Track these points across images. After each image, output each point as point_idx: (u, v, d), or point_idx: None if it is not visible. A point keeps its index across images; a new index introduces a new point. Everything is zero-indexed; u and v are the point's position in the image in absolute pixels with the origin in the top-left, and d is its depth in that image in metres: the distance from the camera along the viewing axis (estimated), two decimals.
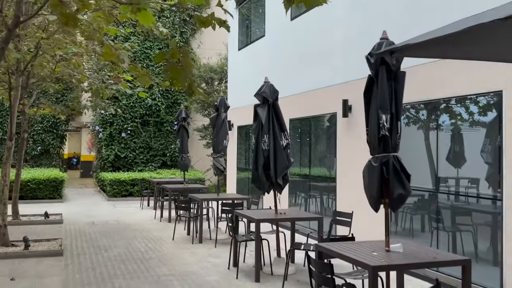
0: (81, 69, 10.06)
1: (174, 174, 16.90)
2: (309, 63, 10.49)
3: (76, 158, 31.81)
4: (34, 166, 19.77)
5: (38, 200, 14.67)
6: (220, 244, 8.88)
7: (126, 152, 18.24)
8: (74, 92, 11.93)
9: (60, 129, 20.18)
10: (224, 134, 9.73)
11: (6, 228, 8.00)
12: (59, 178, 14.95)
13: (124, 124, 18.25)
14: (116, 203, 14.88)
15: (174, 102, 18.91)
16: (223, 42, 18.14)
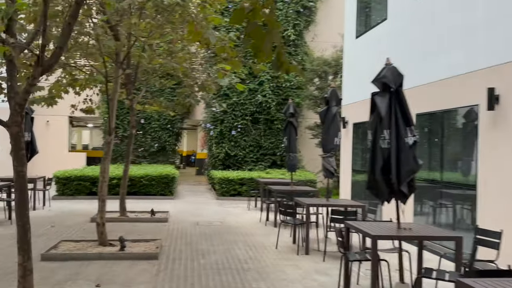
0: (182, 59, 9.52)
1: (284, 174, 15.97)
2: (440, 46, 8.74)
3: (194, 156, 32.80)
4: (152, 162, 20.37)
5: (150, 197, 14.79)
6: (330, 257, 7.65)
7: (236, 150, 17.82)
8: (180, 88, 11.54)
9: (175, 126, 20.54)
10: (335, 131, 8.46)
11: (104, 227, 7.69)
12: (170, 175, 14.92)
13: (234, 122, 17.85)
14: (224, 203, 14.41)
15: (285, 99, 18.00)
16: (339, 33, 16.76)
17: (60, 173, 14.60)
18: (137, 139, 20.11)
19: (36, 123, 20.91)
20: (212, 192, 17.06)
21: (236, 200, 15.03)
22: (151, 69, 10.21)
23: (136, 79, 10.64)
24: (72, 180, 14.55)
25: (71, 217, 11.06)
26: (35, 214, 11.45)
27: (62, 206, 12.94)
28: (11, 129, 3.96)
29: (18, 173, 3.98)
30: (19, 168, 3.98)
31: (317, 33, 18.57)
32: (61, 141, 20.80)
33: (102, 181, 7.71)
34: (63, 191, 14.57)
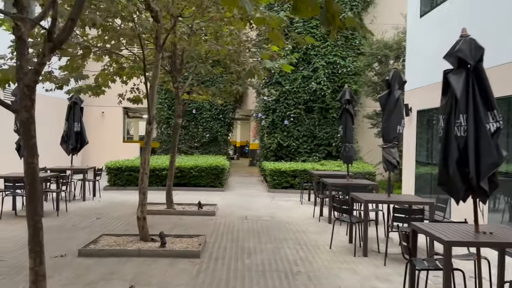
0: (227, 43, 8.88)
1: (340, 166, 15.03)
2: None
3: (247, 146, 32.37)
4: (204, 153, 20.06)
5: (200, 188, 14.40)
6: (392, 260, 6.76)
7: (289, 140, 17.05)
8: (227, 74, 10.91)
9: (227, 116, 20.07)
10: (398, 118, 7.48)
11: (145, 221, 7.23)
12: (220, 166, 14.44)
13: (287, 111, 17.07)
14: (275, 195, 13.72)
15: (341, 86, 16.96)
16: (401, 13, 15.47)
17: (111, 164, 14.53)
18: (189, 129, 19.86)
19: (92, 114, 21.32)
20: (263, 184, 16.43)
21: (288, 193, 14.30)
22: (197, 55, 9.64)
23: (182, 65, 10.14)
24: (123, 170, 14.44)
25: (119, 209, 10.81)
26: (84, 205, 11.33)
27: (112, 197, 12.81)
28: (20, 115, 3.46)
29: (28, 165, 3.48)
30: (29, 159, 3.48)
31: (377, 15, 17.31)
32: (116, 132, 20.96)
33: (143, 172, 7.23)
34: (114, 181, 14.49)
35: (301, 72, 16.96)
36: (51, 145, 15.42)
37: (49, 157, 15.76)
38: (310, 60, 16.96)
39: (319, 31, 16.78)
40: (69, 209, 10.56)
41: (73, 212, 10.28)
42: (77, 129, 12.28)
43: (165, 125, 20.01)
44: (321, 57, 16.91)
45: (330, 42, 16.72)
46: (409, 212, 6.52)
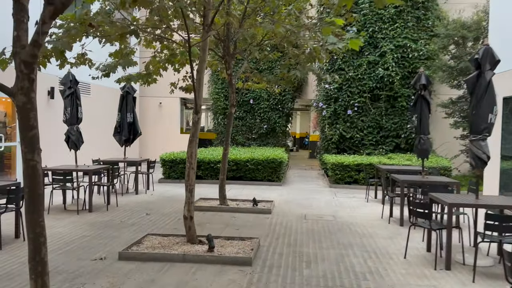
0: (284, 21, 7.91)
1: (410, 160, 13.64)
2: None
3: (307, 138, 31.27)
4: (261, 145, 19.26)
5: (256, 182, 13.59)
6: (482, 276, 5.57)
7: (352, 132, 15.79)
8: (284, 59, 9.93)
9: (286, 107, 19.10)
10: (490, 104, 6.19)
11: (192, 221, 6.48)
12: (277, 159, 13.54)
13: (350, 100, 15.79)
14: (337, 191, 12.62)
15: (412, 72, 15.45)
16: None
17: (166, 156, 14.08)
18: (246, 120, 19.11)
19: (149, 105, 21.16)
20: (324, 178, 15.35)
21: (351, 189, 13.14)
22: (250, 37, 8.75)
23: (235, 50, 9.30)
24: (178, 163, 13.93)
25: (171, 204, 10.23)
26: (136, 199, 10.88)
27: (165, 190, 12.31)
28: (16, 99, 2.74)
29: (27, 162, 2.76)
30: (28, 155, 2.76)
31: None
32: (173, 123, 20.66)
33: (189, 168, 6.47)
34: (169, 174, 14.03)
35: (367, 57, 15.60)
36: (105, 137, 15.25)
37: (104, 148, 15.63)
38: (376, 43, 15.57)
39: (387, 11, 15.31)
40: (120, 203, 10.13)
41: (123, 206, 9.82)
42: (130, 120, 11.85)
43: (221, 116, 19.40)
44: (389, 40, 15.45)
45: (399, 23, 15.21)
46: (506, 220, 5.28)
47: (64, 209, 9.34)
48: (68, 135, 9.65)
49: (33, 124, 2.77)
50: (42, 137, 12.06)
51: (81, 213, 8.96)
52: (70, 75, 9.65)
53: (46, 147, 12.50)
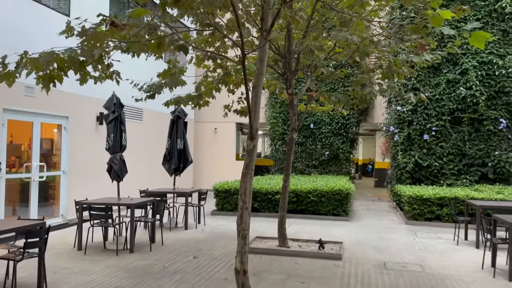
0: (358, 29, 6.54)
1: (502, 192, 11.55)
2: None
3: (371, 165, 29.17)
4: (323, 172, 17.66)
5: (320, 217, 12.00)
6: None
7: (429, 159, 13.85)
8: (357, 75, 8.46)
9: (350, 131, 17.46)
10: None
11: (246, 276, 5.08)
12: (344, 191, 11.92)
13: (427, 123, 13.93)
14: (417, 230, 10.76)
15: (498, 92, 13.42)
16: None
17: (219, 185, 12.87)
18: (306, 146, 17.64)
19: (204, 131, 20.26)
20: (397, 212, 13.47)
21: (434, 226, 11.21)
22: (318, 48, 7.41)
23: (297, 65, 7.97)
24: (232, 193, 12.67)
25: (224, 242, 8.91)
26: (185, 235, 9.66)
27: (218, 225, 11.03)
28: None
29: None
30: None
31: None
32: (229, 149, 19.59)
33: (242, 207, 5.12)
34: (223, 205, 12.78)
35: (445, 75, 13.76)
36: (154, 165, 14.35)
37: (152, 178, 14.71)
38: (456, 60, 13.72)
39: (466, 25, 13.48)
40: (166, 241, 8.94)
41: (169, 245, 8.61)
42: (180, 146, 10.79)
43: (280, 142, 18.07)
44: (472, 56, 13.56)
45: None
46: None
47: (104, 248, 8.26)
48: (110, 165, 8.66)
49: None
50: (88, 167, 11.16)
51: (121, 254, 7.82)
52: (114, 98, 8.74)
53: (91, 178, 11.77)
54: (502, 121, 13.33)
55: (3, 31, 8.77)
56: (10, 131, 9.19)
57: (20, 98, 9.21)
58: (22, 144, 9.85)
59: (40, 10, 9.77)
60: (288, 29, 7.67)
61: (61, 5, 10.65)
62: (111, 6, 12.58)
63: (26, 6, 9.36)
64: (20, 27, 9.18)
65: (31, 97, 9.49)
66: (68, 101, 10.65)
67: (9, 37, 8.89)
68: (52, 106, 10.12)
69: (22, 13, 9.25)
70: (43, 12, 9.84)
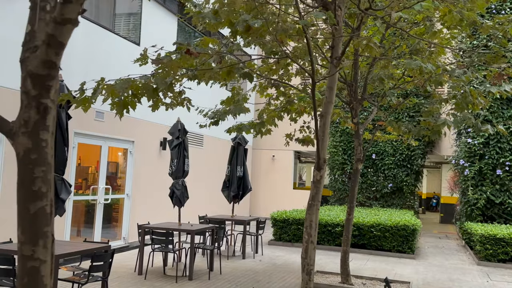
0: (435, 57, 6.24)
1: None
2: None
3: (436, 199, 27.76)
4: (384, 206, 16.96)
5: (383, 253, 11.41)
6: None
7: (503, 196, 12.90)
8: (429, 104, 8.07)
9: (415, 163, 16.71)
10: None
11: None
12: (410, 227, 11.30)
13: (500, 158, 13.05)
14: (490, 272, 9.93)
15: None
16: None
17: (276, 215, 12.64)
18: (368, 177, 17.07)
19: (262, 158, 20.22)
20: (467, 251, 12.57)
21: (508, 268, 10.31)
22: (388, 77, 7.16)
23: (364, 94, 7.72)
24: (290, 223, 12.39)
25: (282, 275, 8.64)
26: (242, 264, 9.47)
27: (275, 255, 10.76)
28: (15, 141, 1.49)
29: (23, 260, 1.45)
30: (26, 247, 1.44)
31: None
32: (286, 178, 19.37)
33: (308, 241, 4.88)
34: (280, 235, 12.51)
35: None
36: (214, 192, 14.39)
37: (211, 204, 14.74)
38: None
39: None
40: (225, 270, 8.80)
41: (227, 274, 8.46)
42: (240, 174, 10.74)
43: (339, 172, 17.62)
44: None
45: None
46: None
47: (164, 274, 8.25)
48: (173, 190, 8.73)
49: (41, 188, 1.48)
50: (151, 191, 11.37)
51: (180, 281, 7.75)
52: (178, 124, 8.87)
53: (153, 202, 11.98)
54: None
55: (78, 58, 9.24)
56: (79, 154, 9.55)
57: (91, 122, 9.58)
58: (89, 167, 10.20)
59: (112, 39, 10.23)
60: (355, 57, 7.50)
61: (130, 34, 11.12)
62: (178, 35, 13.00)
63: (100, 34, 9.84)
64: (93, 54, 9.63)
65: (100, 121, 9.86)
66: (134, 126, 10.98)
67: (84, 64, 9.35)
68: (119, 130, 10.46)
69: (96, 41, 9.72)
70: (115, 40, 10.30)
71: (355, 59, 7.49)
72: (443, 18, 6.03)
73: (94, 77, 9.31)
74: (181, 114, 11.62)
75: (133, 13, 11.30)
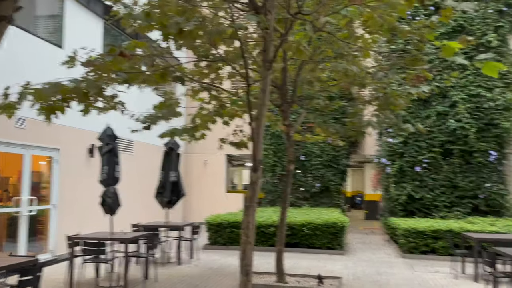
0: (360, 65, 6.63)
1: (495, 225, 11.54)
2: None
3: (359, 197, 29.10)
4: (313, 205, 17.51)
5: (315, 250, 11.81)
6: None
7: (422, 191, 13.86)
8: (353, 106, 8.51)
9: (341, 163, 17.45)
10: None
11: None
12: (338, 224, 11.79)
13: (418, 156, 14.01)
14: (414, 263, 10.62)
15: (488, 124, 13.61)
16: None
17: (211, 219, 12.64)
18: (297, 178, 17.54)
19: (193, 163, 20.10)
20: (392, 245, 13.35)
21: (430, 260, 11.08)
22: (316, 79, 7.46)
23: (294, 97, 7.98)
24: (225, 227, 12.43)
25: (219, 279, 8.66)
26: (178, 271, 9.37)
27: (211, 260, 10.76)
28: None
29: None
30: None
31: None
32: (219, 181, 19.40)
33: (246, 242, 4.96)
34: (215, 239, 12.51)
35: (435, 108, 13.97)
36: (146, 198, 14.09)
37: (144, 211, 14.42)
38: (445, 93, 13.94)
39: None
40: (160, 277, 8.66)
41: (163, 281, 8.33)
42: (174, 179, 10.62)
43: (270, 174, 17.95)
44: (460, 89, 13.83)
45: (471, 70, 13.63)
46: None
47: (97, 285, 7.95)
48: (103, 198, 8.45)
49: None
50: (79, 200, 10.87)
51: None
52: (108, 130, 8.61)
53: (81, 211, 11.46)
54: (492, 153, 13.48)
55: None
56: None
57: (10, 130, 9.02)
58: (10, 177, 9.59)
59: (33, 41, 9.71)
60: (284, 60, 7.72)
61: (52, 37, 10.61)
62: (105, 38, 12.60)
63: (19, 36, 9.30)
64: (11, 57, 9.08)
65: (22, 129, 9.30)
66: (59, 133, 10.47)
67: (1, 68, 8.77)
68: (43, 138, 9.93)
69: (15, 43, 9.18)
70: (35, 43, 9.78)
71: (284, 62, 7.71)
72: (366, 23, 6.40)
73: (12, 81, 8.77)
74: (110, 119, 11.26)
75: (55, 15, 10.80)
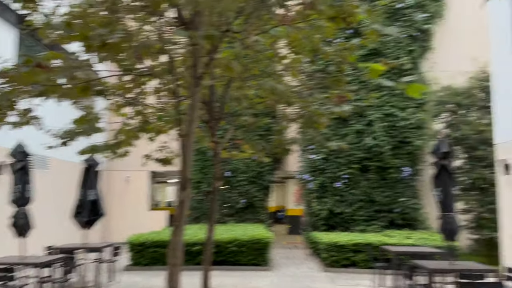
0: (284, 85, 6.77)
1: (410, 237, 12.24)
2: None
3: (282, 212, 29.58)
4: (239, 221, 17.48)
5: (241, 267, 11.75)
6: None
7: (342, 206, 14.38)
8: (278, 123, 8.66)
9: (265, 179, 17.65)
10: None
11: None
12: (263, 240, 11.86)
13: (338, 172, 14.55)
14: (335, 277, 10.92)
15: (402, 141, 14.50)
16: (473, 57, 13.30)
17: (133, 238, 12.14)
18: (223, 194, 17.46)
19: (115, 180, 19.29)
20: (314, 260, 13.65)
21: (350, 273, 11.46)
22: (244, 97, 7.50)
23: (222, 113, 7.95)
24: (147, 246, 11.99)
25: None
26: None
27: (133, 281, 10.29)
28: None
29: None
30: None
31: (439, 60, 15.10)
32: (142, 199, 18.76)
33: (174, 264, 4.78)
34: (137, 260, 12.01)
35: (353, 126, 14.64)
36: (63, 218, 13.24)
37: (61, 232, 13.55)
38: (362, 112, 14.68)
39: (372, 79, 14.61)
40: None
41: None
42: (93, 197, 10.07)
43: (195, 191, 17.69)
44: (376, 108, 14.64)
45: (386, 91, 14.49)
46: None
47: None
48: (14, 219, 7.78)
49: None
50: None
51: None
52: (20, 146, 8.00)
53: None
54: (405, 170, 14.35)
55: None
56: None
57: None
58: None
59: None
60: (212, 77, 7.67)
61: None
62: (20, 48, 11.79)
63: None
64: None
65: None
66: None
67: None
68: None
69: None
70: None
71: (212, 79, 7.66)
72: (292, 43, 6.56)
73: None
74: (24, 134, 10.48)
75: None
